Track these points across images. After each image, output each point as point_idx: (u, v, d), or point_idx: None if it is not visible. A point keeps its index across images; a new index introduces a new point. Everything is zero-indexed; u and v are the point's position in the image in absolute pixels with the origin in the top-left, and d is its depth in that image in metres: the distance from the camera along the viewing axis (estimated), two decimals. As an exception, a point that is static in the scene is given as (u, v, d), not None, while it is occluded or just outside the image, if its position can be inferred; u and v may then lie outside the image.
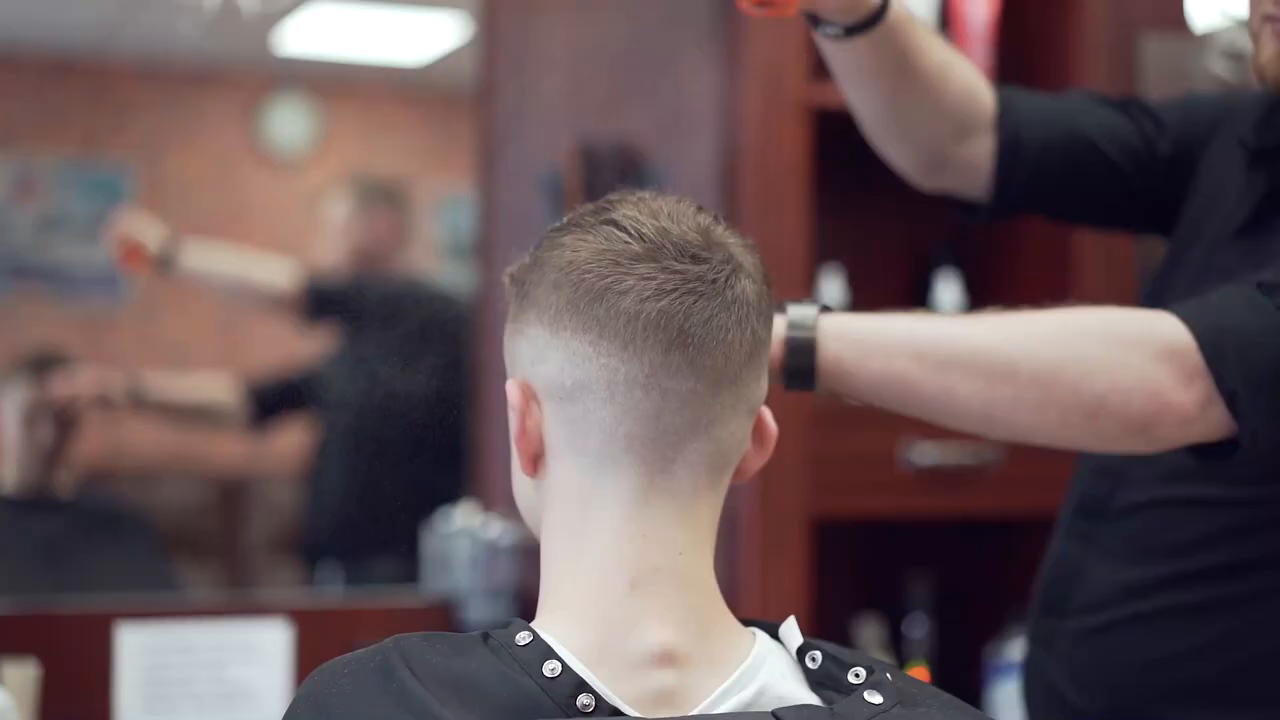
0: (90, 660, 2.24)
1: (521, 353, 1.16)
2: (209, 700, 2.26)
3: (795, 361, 1.38)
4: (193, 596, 3.61)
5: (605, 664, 1.07)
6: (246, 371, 6.65)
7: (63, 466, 3.42)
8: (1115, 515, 1.63)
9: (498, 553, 2.55)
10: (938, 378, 1.36)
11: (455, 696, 1.02)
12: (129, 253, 3.57)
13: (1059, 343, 1.36)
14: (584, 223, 1.16)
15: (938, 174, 1.76)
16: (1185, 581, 1.57)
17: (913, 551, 2.73)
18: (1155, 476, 1.60)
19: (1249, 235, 1.57)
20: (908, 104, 1.68)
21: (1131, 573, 1.60)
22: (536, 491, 1.17)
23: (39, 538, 3.30)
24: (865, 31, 1.59)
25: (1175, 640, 1.57)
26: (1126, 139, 1.73)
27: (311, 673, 1.09)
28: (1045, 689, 1.67)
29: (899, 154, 1.77)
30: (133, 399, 3.74)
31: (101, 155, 6.73)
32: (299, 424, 3.82)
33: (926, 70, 1.66)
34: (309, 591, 3.53)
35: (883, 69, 1.65)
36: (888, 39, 1.61)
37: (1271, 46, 1.49)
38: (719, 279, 1.12)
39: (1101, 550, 1.63)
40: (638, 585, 1.10)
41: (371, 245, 3.71)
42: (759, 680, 1.09)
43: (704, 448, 1.13)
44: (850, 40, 1.60)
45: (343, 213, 3.83)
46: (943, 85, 1.68)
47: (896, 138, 1.75)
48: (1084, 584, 1.64)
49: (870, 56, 1.63)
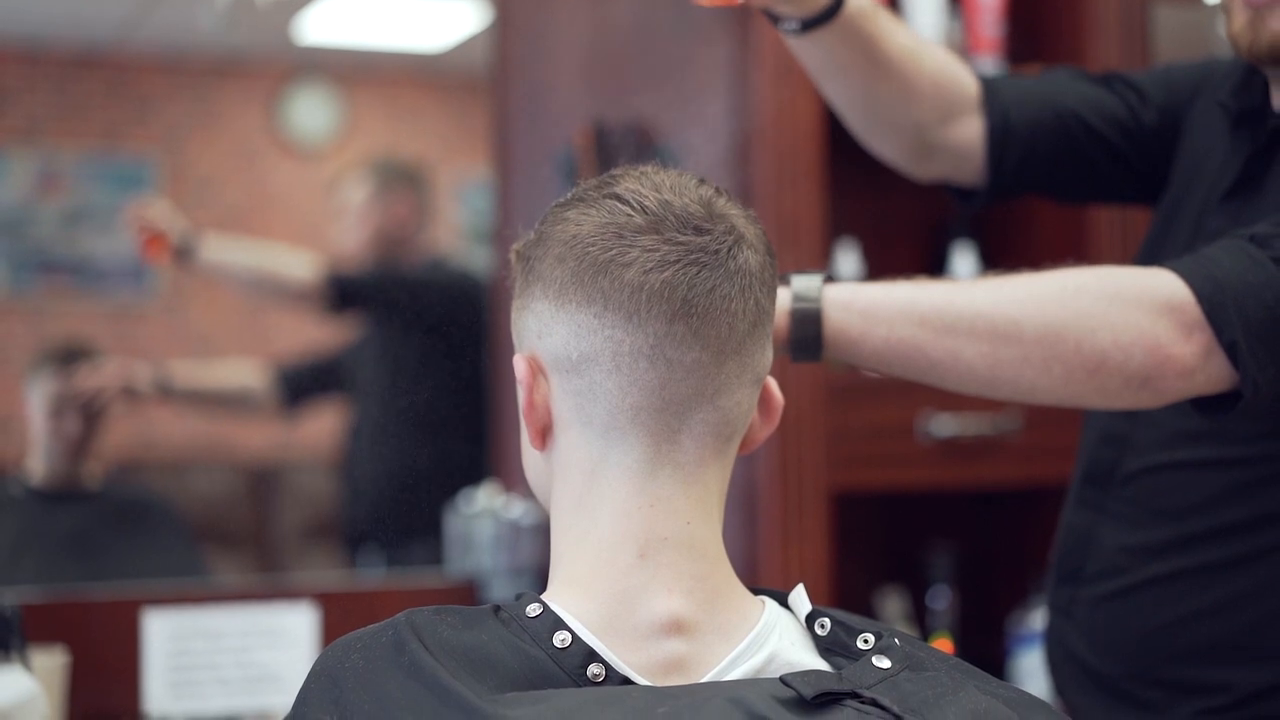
0: (117, 647, 2.26)
1: (528, 327, 1.17)
2: (235, 685, 2.27)
3: (801, 332, 1.39)
4: (218, 581, 3.63)
5: (615, 634, 1.08)
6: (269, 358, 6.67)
7: (90, 458, 3.43)
8: (1122, 481, 1.64)
9: (520, 533, 2.56)
10: (943, 341, 1.38)
11: (466, 668, 1.03)
12: (150, 241, 3.58)
13: (1060, 302, 1.37)
14: (587, 197, 1.16)
15: (928, 161, 1.77)
16: (1194, 543, 1.58)
17: (933, 523, 2.74)
18: (1159, 441, 1.61)
19: (1237, 197, 1.58)
20: (882, 93, 1.69)
21: (1141, 537, 1.61)
22: (546, 464, 1.18)
23: (67, 529, 3.32)
24: (822, 25, 1.60)
25: (1187, 601, 1.58)
26: (1113, 112, 1.74)
27: (325, 649, 1.10)
28: (1066, 655, 1.68)
29: (885, 145, 1.78)
30: (160, 389, 3.75)
31: (124, 148, 6.76)
32: (327, 410, 3.83)
33: (895, 56, 1.66)
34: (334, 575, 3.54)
35: (850, 61, 1.65)
36: (849, 30, 1.61)
37: (1242, 16, 1.51)
38: (721, 249, 1.13)
39: (1111, 517, 1.65)
40: (646, 555, 1.10)
41: (392, 228, 3.70)
42: (768, 647, 1.10)
43: (710, 417, 1.13)
44: (810, 35, 1.61)
45: (362, 196, 3.83)
46: (916, 70, 1.69)
47: (879, 129, 1.76)
48: (1096, 551, 1.65)
49: (835, 50, 1.64)
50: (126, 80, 6.79)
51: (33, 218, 6.67)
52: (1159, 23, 2.55)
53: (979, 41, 2.54)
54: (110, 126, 6.78)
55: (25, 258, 6.65)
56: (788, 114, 2.35)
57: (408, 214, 3.72)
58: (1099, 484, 1.67)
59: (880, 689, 1.05)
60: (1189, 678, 1.58)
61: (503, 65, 3.04)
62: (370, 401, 3.44)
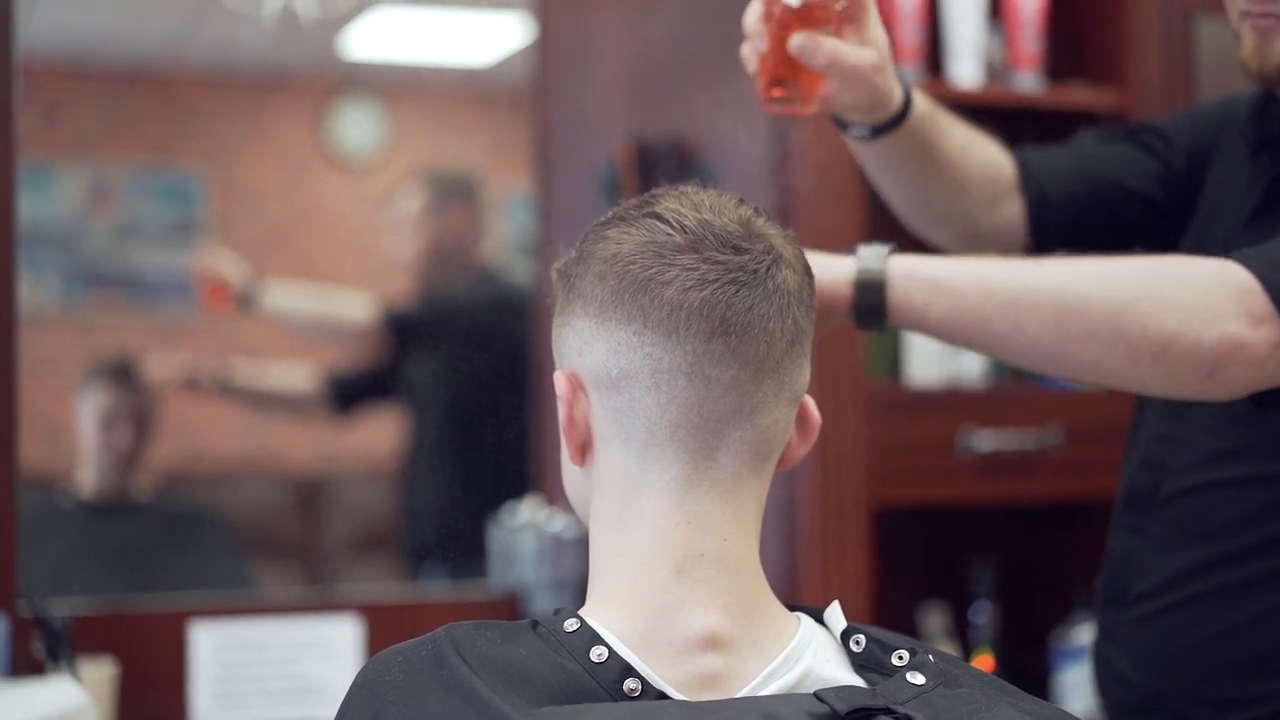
0: (165, 658, 2.28)
1: (568, 344, 1.18)
2: (281, 696, 2.30)
3: (866, 299, 1.41)
4: (265, 594, 3.66)
5: (652, 649, 1.09)
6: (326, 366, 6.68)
7: (140, 470, 3.46)
8: (1160, 504, 1.65)
9: (562, 546, 2.57)
10: (1009, 313, 1.38)
11: (505, 682, 1.04)
12: (213, 291, 3.62)
13: (1131, 282, 1.37)
14: (628, 216, 1.17)
15: (976, 245, 1.80)
16: (1228, 561, 1.58)
17: (975, 538, 2.74)
18: (1194, 463, 1.62)
19: (1260, 221, 1.59)
20: (936, 189, 1.73)
21: (1178, 558, 1.62)
22: (585, 480, 1.19)
23: (117, 541, 3.35)
24: (891, 131, 1.63)
25: (1223, 618, 1.58)
26: (1143, 166, 1.77)
27: (367, 662, 1.11)
28: (1113, 677, 1.70)
29: (934, 233, 1.82)
30: (220, 384, 3.80)
31: (173, 162, 6.82)
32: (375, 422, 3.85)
33: (951, 155, 1.70)
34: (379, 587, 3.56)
35: (910, 162, 1.70)
36: (913, 134, 1.65)
37: (1250, 40, 1.52)
38: (760, 269, 1.14)
39: (1151, 540, 1.65)
40: (683, 571, 1.12)
41: (448, 240, 3.67)
42: (803, 663, 1.11)
43: (747, 435, 1.14)
44: (878, 140, 1.65)
45: (418, 207, 3.75)
46: (967, 165, 1.73)
47: (931, 221, 1.80)
48: (1138, 574, 1.66)
49: (897, 152, 1.69)
50: (175, 96, 6.86)
51: (84, 232, 6.75)
52: (1200, 36, 2.55)
53: (1019, 57, 2.55)
54: (160, 141, 6.85)
55: (76, 271, 6.72)
56: (828, 128, 2.35)
57: (464, 226, 3.70)
58: (1139, 508, 1.68)
59: (914, 705, 1.06)
60: (1228, 692, 1.58)
61: (545, 80, 3.06)
62: (427, 418, 3.45)
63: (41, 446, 4.80)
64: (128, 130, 6.76)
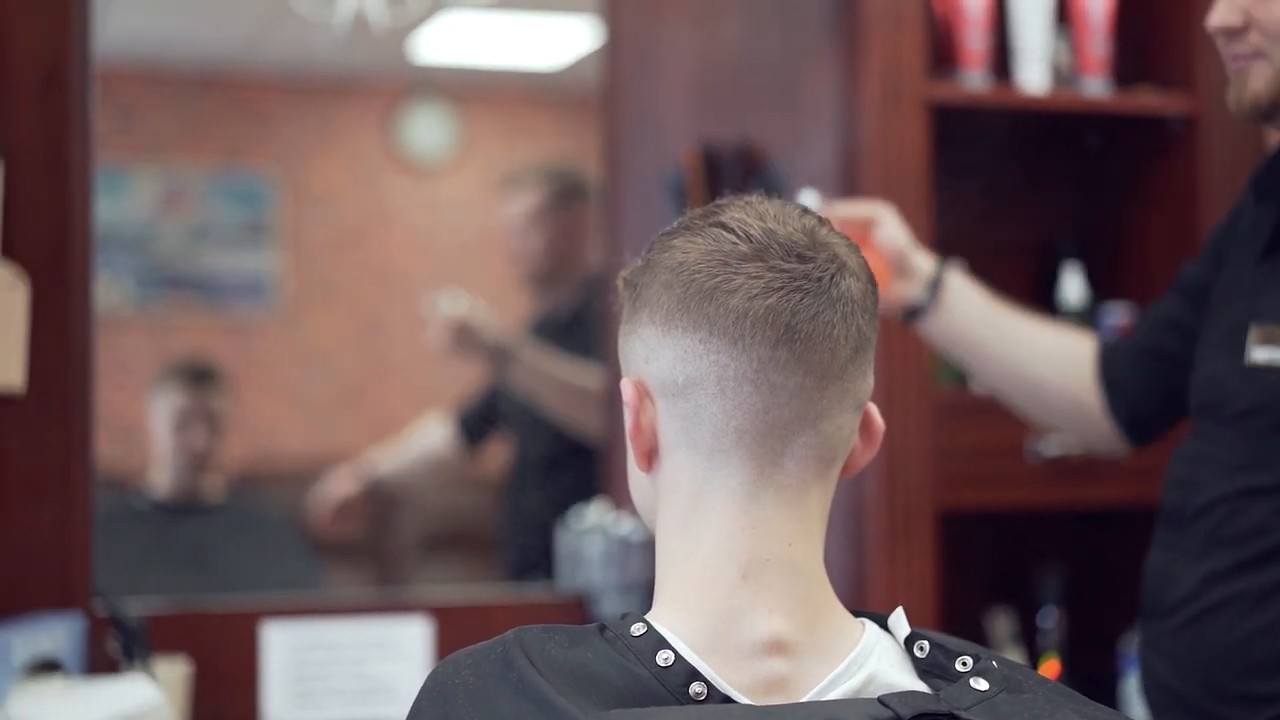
0: (238, 657, 2.31)
1: (635, 352, 1.19)
2: (351, 695, 2.32)
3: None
4: (336, 595, 3.68)
5: (717, 653, 1.10)
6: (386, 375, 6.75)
7: (213, 471, 3.49)
8: (1191, 519, 1.71)
9: (630, 549, 2.59)
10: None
11: (572, 685, 1.06)
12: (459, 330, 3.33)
13: None
14: (693, 225, 1.19)
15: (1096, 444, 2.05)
16: (1251, 565, 1.64)
17: (1042, 543, 2.73)
18: (1219, 476, 1.68)
19: (1267, 260, 1.68)
20: (1012, 388, 2.01)
21: (1207, 566, 1.67)
22: (651, 486, 1.20)
23: (190, 542, 3.39)
24: (920, 319, 1.97)
25: (1250, 620, 1.63)
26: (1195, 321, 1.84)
27: (437, 665, 1.13)
28: (1156, 684, 1.75)
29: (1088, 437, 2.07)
30: (371, 484, 3.76)
31: (244, 165, 6.88)
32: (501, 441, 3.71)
33: (1009, 356, 1.98)
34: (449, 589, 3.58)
35: (959, 350, 2.01)
36: (947, 323, 1.98)
37: (1230, 79, 1.66)
38: (824, 277, 1.15)
39: (1184, 553, 1.71)
40: (748, 576, 1.13)
41: (563, 242, 3.49)
42: (867, 668, 1.12)
43: (812, 441, 1.15)
44: (917, 326, 1.99)
45: (529, 207, 3.57)
46: (1036, 374, 1.99)
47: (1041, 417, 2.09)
48: (1173, 586, 1.71)
49: (942, 339, 2.01)
50: (247, 99, 6.93)
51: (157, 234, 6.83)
52: (1270, 41, 2.53)
53: (1087, 62, 2.54)
54: (232, 145, 6.92)
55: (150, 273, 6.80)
56: (894, 134, 2.36)
57: (577, 228, 3.51)
58: (1173, 525, 1.74)
59: (977, 710, 1.06)
60: (1258, 690, 1.62)
61: (613, 84, 3.07)
62: (533, 433, 3.36)
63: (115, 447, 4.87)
64: (200, 134, 6.82)
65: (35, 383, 2.09)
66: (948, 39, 2.47)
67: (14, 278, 2.07)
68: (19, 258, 2.08)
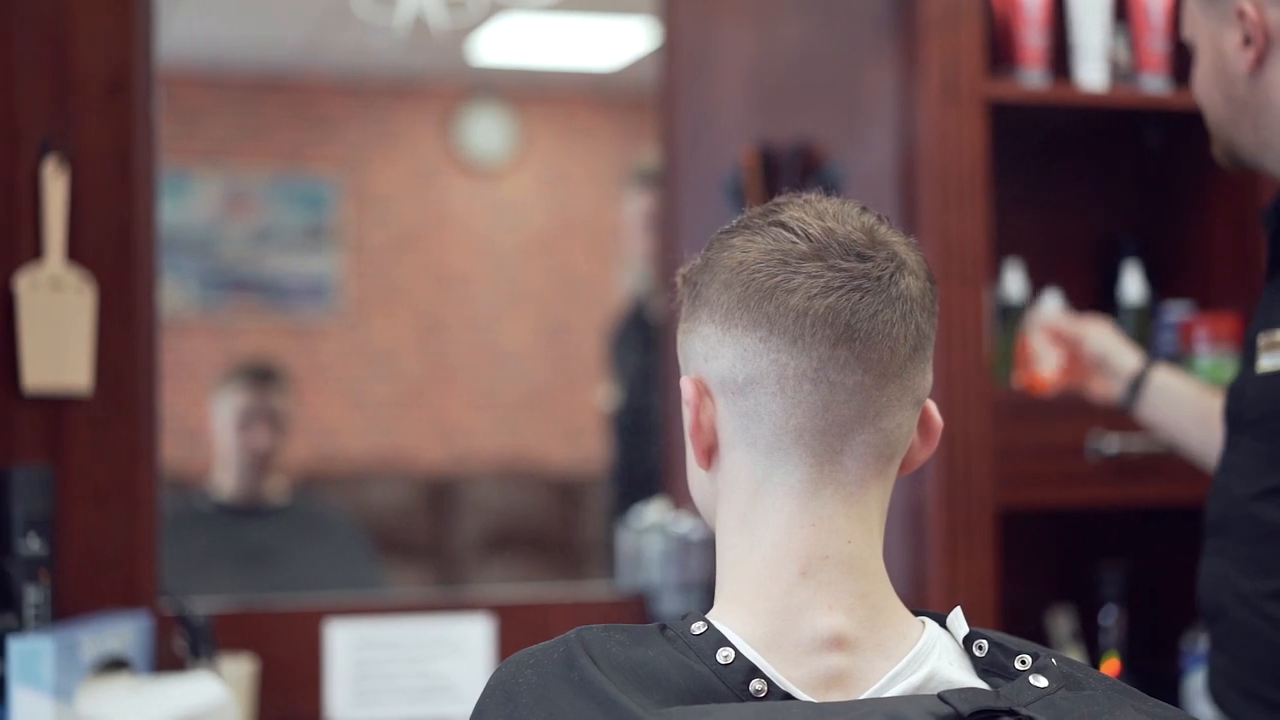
0: (302, 655, 2.33)
1: (695, 350, 1.20)
2: (414, 693, 2.34)
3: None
4: (398, 594, 3.70)
5: (777, 650, 1.11)
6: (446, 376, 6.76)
7: (275, 472, 3.51)
8: (1232, 523, 1.76)
9: (689, 548, 2.60)
10: None
11: (634, 683, 1.07)
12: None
13: None
14: (752, 224, 1.19)
15: None
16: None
17: (1103, 541, 2.72)
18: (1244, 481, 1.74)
19: (1275, 277, 1.76)
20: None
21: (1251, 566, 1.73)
22: (711, 484, 1.21)
23: (254, 542, 3.41)
24: (1134, 406, 2.14)
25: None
26: None
27: (499, 664, 1.14)
28: (1226, 683, 1.77)
29: None
30: None
31: (306, 169, 6.94)
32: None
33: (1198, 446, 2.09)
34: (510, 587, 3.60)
35: (1168, 433, 2.15)
36: (1152, 415, 2.13)
37: None
38: (884, 276, 1.15)
39: (1230, 557, 1.76)
40: (808, 573, 1.13)
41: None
42: (928, 665, 1.12)
43: (871, 439, 1.16)
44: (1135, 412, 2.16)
45: (643, 206, 3.56)
46: None
47: None
48: (1226, 587, 1.76)
49: (1151, 423, 2.16)
50: (308, 103, 6.98)
51: (220, 237, 6.89)
52: (1333, 36, 2.51)
53: (1146, 59, 2.53)
54: (293, 148, 6.97)
55: (213, 276, 6.86)
56: (952, 134, 2.36)
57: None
58: (1217, 531, 1.79)
59: (1037, 707, 1.07)
60: None
61: (670, 86, 3.08)
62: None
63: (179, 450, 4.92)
64: (262, 137, 6.88)
65: (101, 385, 2.12)
66: (1006, 37, 2.47)
67: (80, 281, 2.09)
68: (85, 262, 2.11)
